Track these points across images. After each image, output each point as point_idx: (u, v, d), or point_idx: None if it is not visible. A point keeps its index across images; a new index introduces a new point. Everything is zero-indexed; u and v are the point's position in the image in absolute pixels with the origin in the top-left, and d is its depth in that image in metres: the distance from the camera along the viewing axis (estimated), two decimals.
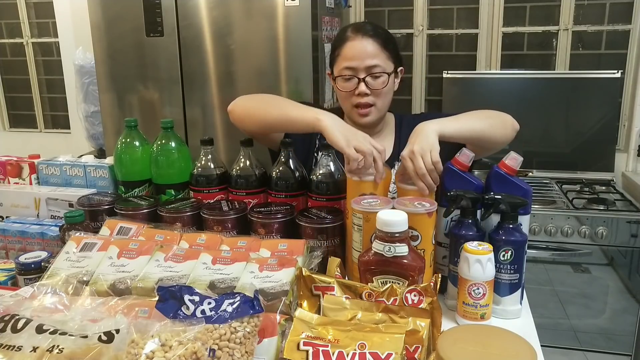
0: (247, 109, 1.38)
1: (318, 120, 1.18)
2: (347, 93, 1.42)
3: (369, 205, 1.04)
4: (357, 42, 1.40)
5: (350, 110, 1.44)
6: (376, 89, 1.39)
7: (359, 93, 1.39)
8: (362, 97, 1.40)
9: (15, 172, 1.51)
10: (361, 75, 1.39)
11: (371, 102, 1.41)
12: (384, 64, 1.40)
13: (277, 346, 0.81)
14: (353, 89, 1.40)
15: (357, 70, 1.39)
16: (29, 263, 1.09)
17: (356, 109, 1.42)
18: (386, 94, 1.43)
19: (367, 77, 1.39)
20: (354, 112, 1.43)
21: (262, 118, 1.33)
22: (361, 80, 1.39)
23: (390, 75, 1.41)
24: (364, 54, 1.38)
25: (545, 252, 2.39)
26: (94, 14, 2.33)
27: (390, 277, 0.95)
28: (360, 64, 1.38)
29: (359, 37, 1.40)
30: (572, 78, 2.79)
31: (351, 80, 1.40)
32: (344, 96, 1.44)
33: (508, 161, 1.09)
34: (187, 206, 1.23)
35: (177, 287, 0.83)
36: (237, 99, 1.42)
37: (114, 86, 2.40)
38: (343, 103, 1.47)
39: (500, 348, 0.79)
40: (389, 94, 1.45)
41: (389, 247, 0.93)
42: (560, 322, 2.44)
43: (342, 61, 1.42)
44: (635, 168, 2.83)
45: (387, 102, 1.46)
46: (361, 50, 1.39)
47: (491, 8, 2.85)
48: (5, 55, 3.58)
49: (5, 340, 0.75)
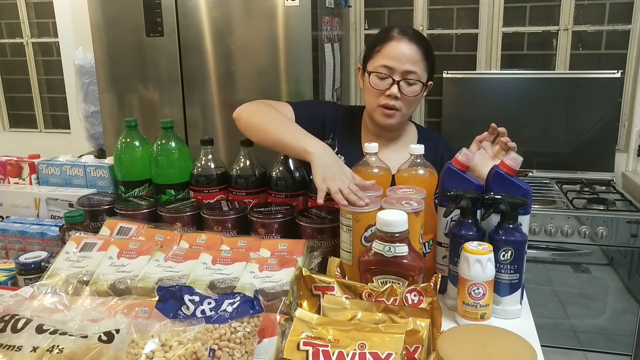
0: (249, 124, 1.35)
1: (307, 152, 1.17)
2: (377, 91, 1.40)
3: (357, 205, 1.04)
4: (402, 44, 1.37)
5: (375, 108, 1.43)
6: (407, 95, 1.38)
7: (390, 94, 1.38)
8: (391, 100, 1.38)
9: (15, 172, 1.51)
10: (397, 78, 1.37)
11: (398, 107, 1.39)
12: (421, 73, 1.39)
13: (277, 346, 0.81)
14: (385, 89, 1.38)
15: (395, 71, 1.37)
16: (29, 263, 1.09)
17: (381, 108, 1.41)
18: (414, 102, 1.42)
19: (402, 81, 1.37)
20: (379, 110, 1.42)
21: (262, 137, 1.31)
22: (395, 82, 1.37)
23: (424, 87, 1.40)
24: (405, 58, 1.36)
25: (545, 252, 2.39)
26: (94, 14, 2.33)
27: (390, 277, 0.95)
28: (399, 66, 1.36)
29: (405, 40, 1.38)
30: (572, 78, 2.79)
31: (386, 79, 1.38)
32: (373, 93, 1.42)
33: (508, 161, 1.09)
34: (187, 206, 1.23)
35: (177, 287, 0.83)
36: (242, 107, 1.39)
37: (114, 86, 2.40)
38: (369, 100, 1.45)
39: (500, 348, 0.79)
40: (415, 104, 1.44)
41: (389, 247, 0.93)
42: (560, 322, 2.44)
43: (381, 58, 1.39)
44: (635, 168, 2.83)
45: (412, 111, 1.45)
46: (404, 53, 1.37)
47: (491, 8, 2.85)
48: (5, 55, 3.58)
49: (5, 340, 0.75)
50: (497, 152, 1.29)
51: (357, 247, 1.05)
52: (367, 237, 1.04)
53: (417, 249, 1.04)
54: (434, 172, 1.15)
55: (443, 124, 2.94)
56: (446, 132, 2.85)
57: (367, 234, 1.04)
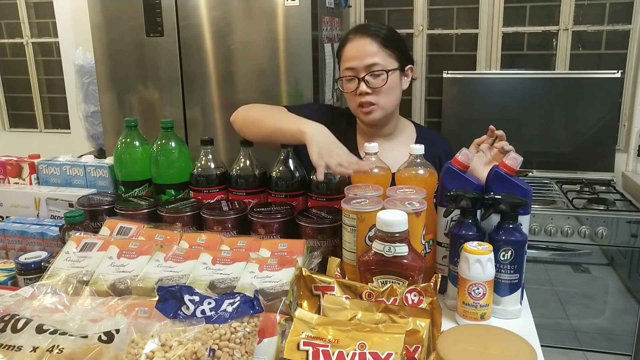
0: (245, 120, 1.41)
1: (301, 132, 1.20)
2: (350, 94, 1.44)
3: (360, 205, 1.04)
4: (356, 42, 1.41)
5: (356, 109, 1.46)
6: (376, 87, 1.40)
7: (360, 92, 1.40)
8: (364, 96, 1.41)
9: (15, 172, 1.51)
10: (361, 75, 1.40)
11: (373, 101, 1.41)
12: (383, 62, 1.40)
13: (277, 346, 0.81)
14: (355, 89, 1.41)
15: (357, 70, 1.40)
16: (29, 263, 1.09)
17: (360, 108, 1.43)
18: (388, 92, 1.42)
19: (367, 75, 1.39)
20: (359, 111, 1.45)
21: (256, 132, 1.36)
22: (361, 79, 1.40)
23: (391, 73, 1.41)
24: (362, 53, 1.39)
25: (545, 252, 2.39)
26: (94, 14, 2.33)
27: (390, 277, 0.95)
28: (359, 63, 1.39)
29: (358, 37, 1.41)
30: (572, 78, 2.79)
31: (352, 80, 1.42)
32: (348, 97, 1.46)
33: (508, 161, 1.09)
34: (187, 206, 1.23)
35: (177, 287, 0.83)
36: (238, 110, 1.45)
37: (114, 86, 2.40)
38: (349, 104, 1.49)
39: (500, 348, 0.79)
40: (393, 93, 1.44)
41: (389, 247, 0.93)
42: (560, 322, 2.44)
43: (343, 62, 1.44)
44: (635, 168, 2.83)
45: (392, 101, 1.45)
46: (359, 49, 1.40)
47: (491, 8, 2.85)
48: (5, 55, 3.58)
49: (5, 340, 0.75)
50: (495, 155, 1.29)
51: (361, 247, 1.05)
52: (371, 237, 1.04)
53: (419, 249, 1.04)
54: (434, 172, 1.15)
55: (443, 124, 2.94)
56: (446, 132, 2.85)
57: (371, 233, 1.04)
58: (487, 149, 1.30)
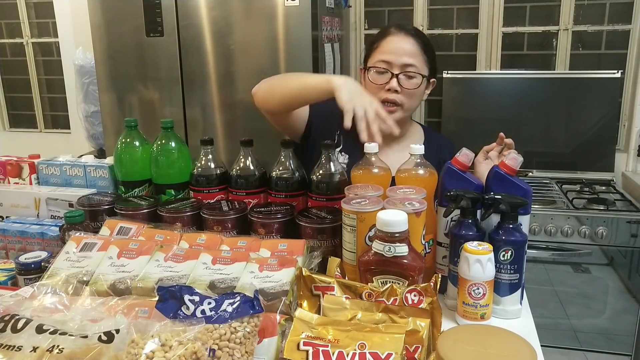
0: (269, 86, 1.40)
1: (328, 81, 1.20)
2: (377, 86, 1.39)
3: (360, 205, 1.04)
4: (399, 38, 1.38)
5: None
6: (407, 88, 1.37)
7: (389, 88, 1.37)
8: (391, 94, 1.37)
9: (15, 172, 1.51)
10: (395, 71, 1.36)
11: (399, 101, 1.38)
12: (420, 66, 1.38)
13: (277, 346, 0.81)
14: (384, 83, 1.38)
15: (393, 65, 1.37)
16: (29, 263, 1.09)
17: (382, 104, 1.37)
18: (415, 96, 1.40)
19: (401, 74, 1.37)
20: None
21: (282, 93, 1.35)
22: (394, 75, 1.36)
23: (424, 79, 1.39)
24: (402, 51, 1.37)
25: (545, 252, 2.39)
26: (94, 14, 2.33)
27: (390, 277, 0.95)
28: (397, 59, 1.36)
29: (402, 34, 1.38)
30: (572, 78, 2.79)
31: (384, 74, 1.38)
32: (373, 89, 1.41)
33: (508, 161, 1.09)
34: (187, 206, 1.23)
35: (177, 287, 0.83)
36: (260, 83, 1.44)
37: (114, 86, 2.40)
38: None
39: (500, 348, 0.79)
40: (417, 98, 1.42)
41: (389, 247, 0.93)
42: (560, 322, 2.44)
43: (379, 54, 1.39)
44: (635, 168, 2.83)
45: (414, 105, 1.43)
46: (401, 46, 1.37)
47: (491, 8, 2.85)
48: (5, 55, 3.58)
49: (5, 340, 0.75)
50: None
51: (361, 247, 1.05)
52: (371, 237, 1.04)
53: (419, 249, 1.04)
54: (434, 172, 1.15)
55: (443, 124, 2.94)
56: (446, 132, 2.85)
57: (371, 233, 1.04)
58: (496, 156, 1.29)
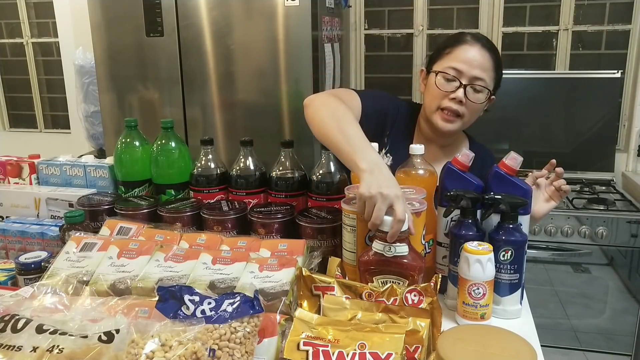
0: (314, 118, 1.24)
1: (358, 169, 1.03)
2: (442, 93, 1.34)
3: None
4: (475, 49, 1.34)
5: (435, 111, 1.36)
6: (472, 101, 1.33)
7: (455, 97, 1.32)
8: (455, 103, 1.33)
9: (15, 172, 1.51)
10: (464, 81, 1.32)
11: (461, 112, 1.34)
12: (489, 82, 1.35)
13: (277, 346, 0.81)
14: (450, 91, 1.33)
15: (463, 75, 1.32)
16: (29, 263, 1.09)
17: (442, 111, 1.35)
18: (476, 110, 1.37)
19: (469, 86, 1.32)
20: (438, 114, 1.35)
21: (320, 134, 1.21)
22: (462, 85, 1.32)
23: (490, 96, 1.36)
24: (476, 63, 1.32)
25: (545, 252, 2.39)
26: (94, 14, 2.33)
27: (390, 277, 0.95)
28: (469, 70, 1.32)
29: (478, 45, 1.34)
30: (572, 78, 2.79)
31: (452, 82, 1.33)
32: (436, 95, 1.35)
33: (508, 161, 1.09)
34: (187, 206, 1.23)
35: (177, 287, 0.83)
36: (315, 98, 1.29)
37: (114, 86, 2.40)
38: (430, 102, 1.38)
39: (500, 348, 0.79)
40: (477, 113, 1.39)
41: (389, 247, 0.93)
42: (560, 322, 2.44)
43: (450, 60, 1.35)
44: (635, 168, 2.83)
45: (473, 119, 1.39)
46: (475, 58, 1.33)
47: (491, 8, 2.85)
48: (5, 55, 3.58)
49: (5, 340, 0.75)
50: (552, 193, 1.27)
51: (361, 247, 1.05)
52: (371, 237, 1.04)
53: (419, 249, 1.04)
54: (434, 172, 1.15)
55: None
56: None
57: (371, 233, 1.03)
58: (546, 185, 1.28)
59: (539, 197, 1.27)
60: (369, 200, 0.96)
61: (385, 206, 0.95)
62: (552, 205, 1.28)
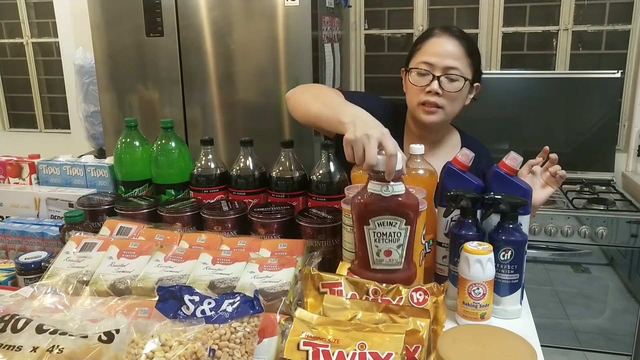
0: (296, 101, 1.31)
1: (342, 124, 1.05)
2: (418, 88, 1.35)
3: None
4: (442, 40, 1.35)
5: (416, 107, 1.38)
6: (449, 91, 1.34)
7: (430, 90, 1.33)
8: (432, 96, 1.33)
9: (15, 172, 1.51)
10: (437, 73, 1.33)
11: (440, 104, 1.34)
12: (463, 69, 1.34)
13: (277, 346, 0.81)
14: (425, 85, 1.34)
15: (435, 67, 1.33)
16: (29, 263, 1.09)
17: (422, 106, 1.36)
18: (456, 100, 1.36)
19: (443, 77, 1.33)
20: (420, 109, 1.37)
21: (303, 113, 1.26)
22: (436, 77, 1.33)
23: (467, 83, 1.35)
24: (446, 53, 1.33)
25: (545, 252, 2.39)
26: (94, 14, 2.33)
27: (387, 217, 0.94)
28: (439, 61, 1.33)
29: (446, 36, 1.35)
30: (572, 78, 2.79)
31: (426, 76, 1.34)
32: (414, 91, 1.37)
33: (508, 161, 1.09)
34: (187, 206, 1.23)
35: (177, 287, 0.83)
36: (296, 88, 1.36)
37: (114, 86, 2.40)
38: (411, 99, 1.40)
39: (500, 348, 0.79)
40: (459, 102, 1.38)
41: (386, 186, 0.93)
42: (560, 322, 2.44)
43: (421, 55, 1.36)
44: (635, 168, 2.83)
45: (455, 109, 1.39)
46: (444, 48, 1.34)
47: (491, 8, 2.85)
48: (5, 55, 3.58)
49: (5, 340, 0.75)
50: (547, 179, 1.27)
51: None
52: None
53: (419, 249, 1.04)
54: (434, 172, 1.15)
55: None
56: None
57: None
58: (541, 171, 1.28)
59: (536, 184, 1.27)
60: (356, 143, 0.96)
61: (375, 145, 0.95)
62: (550, 192, 1.29)
